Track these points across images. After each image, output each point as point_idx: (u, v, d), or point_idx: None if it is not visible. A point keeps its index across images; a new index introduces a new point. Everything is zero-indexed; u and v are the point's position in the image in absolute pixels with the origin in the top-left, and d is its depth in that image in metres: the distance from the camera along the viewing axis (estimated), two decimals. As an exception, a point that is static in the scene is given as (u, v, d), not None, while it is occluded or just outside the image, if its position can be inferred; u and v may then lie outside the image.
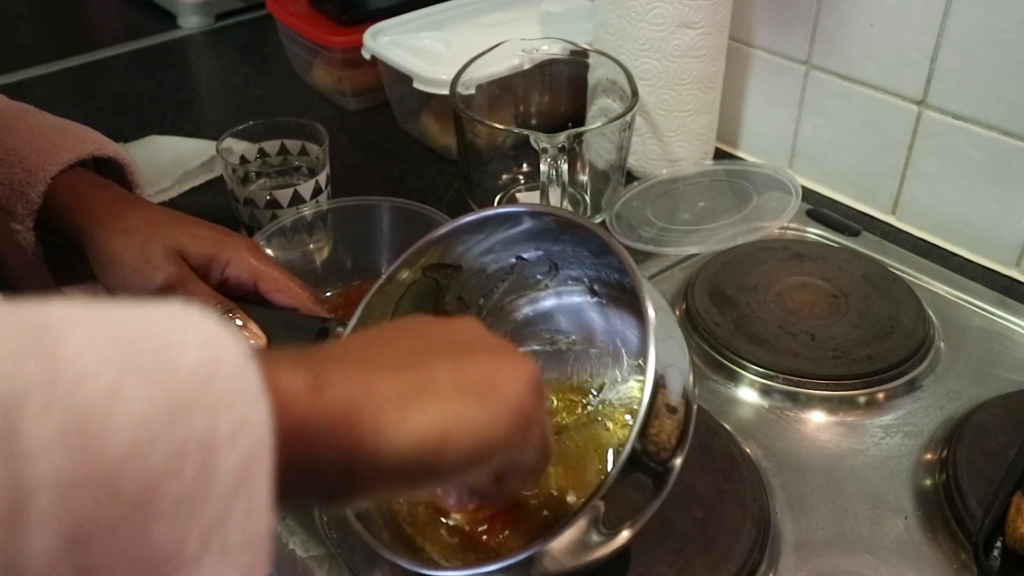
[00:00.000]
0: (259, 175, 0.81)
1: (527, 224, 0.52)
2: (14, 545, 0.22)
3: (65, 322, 0.25)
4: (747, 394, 0.66)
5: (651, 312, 0.44)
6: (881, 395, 0.65)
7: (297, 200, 0.75)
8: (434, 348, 0.38)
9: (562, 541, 0.42)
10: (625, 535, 0.44)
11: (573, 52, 0.88)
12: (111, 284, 0.60)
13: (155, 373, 0.25)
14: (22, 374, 0.23)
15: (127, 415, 0.24)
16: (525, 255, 0.55)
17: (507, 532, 0.52)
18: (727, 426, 0.61)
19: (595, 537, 0.43)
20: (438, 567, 0.48)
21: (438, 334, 0.40)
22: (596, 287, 0.56)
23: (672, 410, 0.44)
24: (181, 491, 0.25)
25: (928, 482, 0.59)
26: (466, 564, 0.49)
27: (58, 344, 0.24)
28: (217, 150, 0.78)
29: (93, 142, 0.66)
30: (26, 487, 0.22)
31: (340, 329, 0.56)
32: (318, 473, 0.31)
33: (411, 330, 0.40)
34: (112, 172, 0.68)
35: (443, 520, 0.53)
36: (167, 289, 0.58)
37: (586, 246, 0.52)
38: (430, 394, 0.34)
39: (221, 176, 0.85)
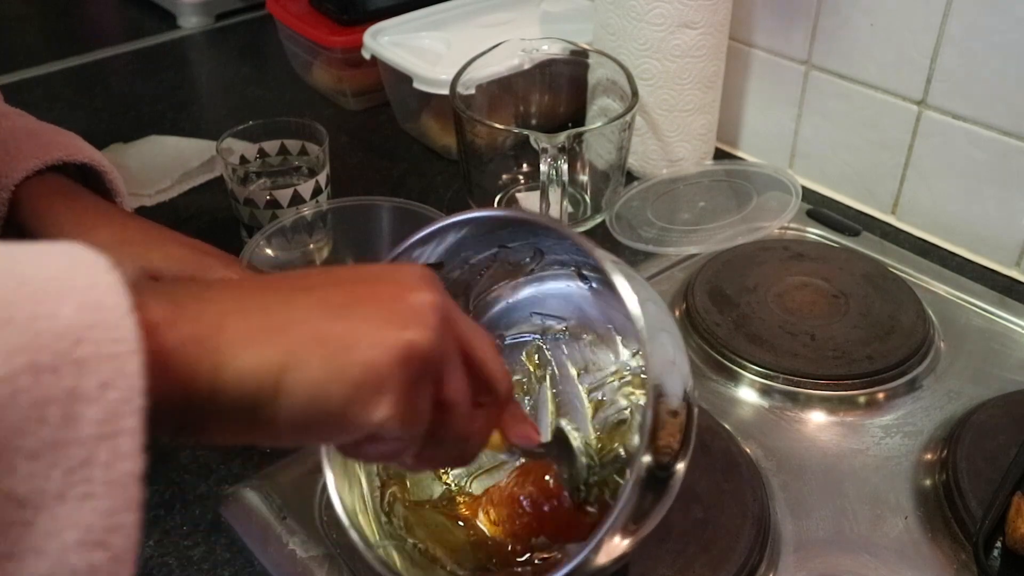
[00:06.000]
0: (259, 175, 0.81)
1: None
2: None
3: None
4: (747, 394, 0.66)
5: (640, 321, 0.42)
6: (881, 395, 0.65)
7: (297, 200, 0.75)
8: (312, 292, 0.35)
9: (582, 561, 0.41)
10: (628, 544, 0.44)
11: (573, 52, 0.88)
12: None
13: (24, 333, 0.26)
14: None
15: None
16: (507, 243, 0.54)
17: (506, 523, 0.52)
18: (727, 426, 0.61)
19: (604, 552, 0.42)
20: None
21: (331, 278, 0.37)
22: (583, 271, 0.55)
23: (674, 413, 0.43)
24: (41, 440, 0.26)
25: (928, 482, 0.59)
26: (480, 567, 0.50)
27: None
28: (217, 150, 0.78)
29: (64, 148, 0.62)
30: None
31: None
32: (160, 405, 0.30)
33: (307, 276, 0.37)
34: (97, 178, 0.65)
35: (459, 523, 0.53)
36: None
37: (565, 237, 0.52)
38: (277, 338, 0.33)
39: (221, 176, 0.85)
